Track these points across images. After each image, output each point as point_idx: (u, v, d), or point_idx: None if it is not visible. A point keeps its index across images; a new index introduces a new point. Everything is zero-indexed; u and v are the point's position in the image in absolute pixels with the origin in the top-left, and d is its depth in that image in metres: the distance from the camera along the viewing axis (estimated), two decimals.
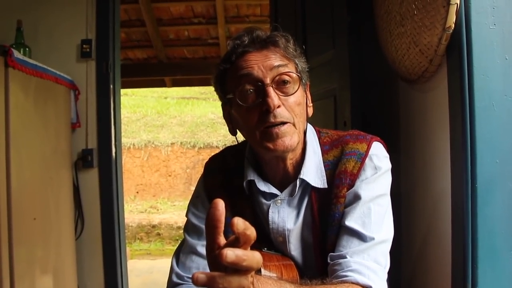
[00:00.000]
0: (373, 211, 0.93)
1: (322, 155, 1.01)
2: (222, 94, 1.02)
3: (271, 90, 0.92)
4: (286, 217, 1.00)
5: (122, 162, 2.45)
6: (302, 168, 0.98)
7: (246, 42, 0.96)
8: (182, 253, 1.05)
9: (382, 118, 1.65)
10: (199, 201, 1.08)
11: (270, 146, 0.93)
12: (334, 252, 0.93)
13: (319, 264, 0.99)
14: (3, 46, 1.52)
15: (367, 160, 0.97)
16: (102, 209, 2.20)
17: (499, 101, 1.02)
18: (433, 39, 1.09)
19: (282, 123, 0.92)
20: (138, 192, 7.94)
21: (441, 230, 1.18)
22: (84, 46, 2.19)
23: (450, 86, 1.10)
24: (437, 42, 1.08)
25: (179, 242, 1.10)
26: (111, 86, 2.23)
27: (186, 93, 10.79)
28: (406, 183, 1.43)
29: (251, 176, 1.02)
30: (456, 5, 1.01)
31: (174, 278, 1.02)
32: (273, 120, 0.91)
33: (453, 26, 1.03)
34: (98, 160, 2.21)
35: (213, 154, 1.17)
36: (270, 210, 1.01)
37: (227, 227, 0.59)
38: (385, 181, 0.99)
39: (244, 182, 1.03)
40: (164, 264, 4.44)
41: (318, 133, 1.06)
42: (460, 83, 1.03)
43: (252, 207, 1.03)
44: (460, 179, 1.04)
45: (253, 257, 0.57)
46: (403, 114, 1.49)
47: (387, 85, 1.58)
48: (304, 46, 1.07)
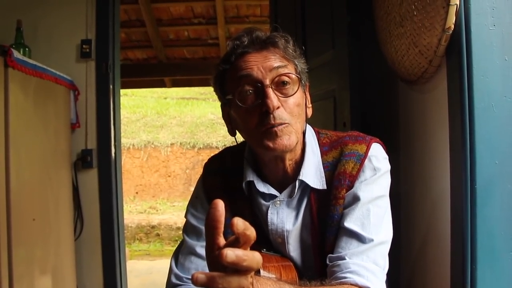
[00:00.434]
0: (372, 213, 0.93)
1: (322, 156, 1.01)
2: (221, 94, 1.02)
3: (271, 91, 0.91)
4: (285, 218, 1.00)
5: (122, 163, 2.45)
6: (302, 169, 0.98)
7: (246, 42, 0.96)
8: (181, 254, 1.05)
9: (381, 119, 1.65)
10: (198, 201, 1.08)
11: (270, 145, 0.92)
12: (333, 253, 0.93)
13: (318, 265, 0.99)
14: (3, 46, 1.52)
15: (366, 161, 0.97)
16: (101, 209, 2.20)
17: (499, 102, 1.02)
18: (432, 40, 1.09)
19: (280, 124, 0.92)
20: (137, 192, 7.93)
21: (440, 231, 1.18)
22: (84, 46, 2.19)
23: (450, 87, 1.10)
24: (436, 43, 1.08)
25: (179, 243, 1.10)
26: (111, 87, 2.23)
27: (186, 93, 10.79)
28: (406, 184, 1.43)
29: (250, 177, 1.02)
30: (455, 6, 1.01)
31: (173, 279, 1.02)
32: (272, 121, 0.91)
33: (452, 27, 1.03)
34: (98, 160, 2.21)
35: (212, 154, 1.17)
36: (269, 211, 1.01)
37: (227, 228, 0.59)
38: (384, 182, 0.99)
39: (243, 183, 1.02)
40: (163, 264, 4.42)
41: (318, 134, 1.05)
42: (459, 84, 1.03)
43: (251, 208, 1.03)
44: (459, 180, 1.04)
45: (253, 257, 0.57)
46: (403, 115, 1.49)
47: (387, 86, 1.58)
48: (303, 47, 1.06)
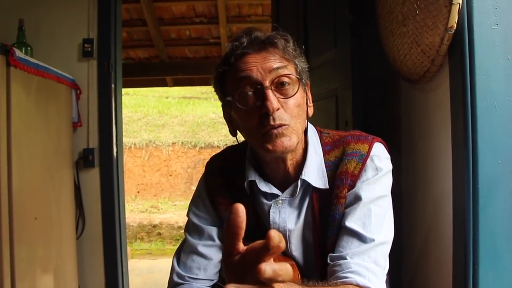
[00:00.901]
0: (373, 213, 0.93)
1: (324, 156, 1.01)
2: (221, 95, 1.01)
3: (270, 93, 0.91)
4: (287, 217, 1.00)
5: (123, 162, 2.45)
6: (304, 168, 0.98)
7: (245, 43, 0.95)
8: (183, 252, 1.05)
9: (383, 118, 1.64)
10: (200, 200, 1.08)
11: (269, 147, 0.92)
12: (334, 252, 0.93)
13: (319, 264, 0.99)
14: (5, 45, 1.52)
15: (368, 161, 0.97)
16: (103, 208, 2.20)
17: (501, 101, 1.01)
18: (435, 39, 1.09)
19: (281, 125, 0.91)
20: (139, 191, 7.94)
21: (442, 230, 1.18)
22: (85, 45, 2.19)
23: (452, 86, 1.10)
24: (439, 42, 1.07)
25: (180, 242, 1.10)
26: (113, 86, 2.23)
27: (187, 92, 10.79)
28: (408, 184, 1.43)
29: (252, 176, 1.02)
30: (458, 5, 1.00)
31: (175, 278, 1.03)
32: (272, 123, 0.91)
33: (455, 26, 1.03)
34: (99, 159, 2.21)
35: (214, 154, 1.17)
36: (271, 210, 1.01)
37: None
38: (386, 182, 0.99)
39: (245, 182, 1.02)
40: (164, 264, 4.44)
41: (320, 133, 1.05)
42: (462, 83, 1.03)
43: (253, 207, 1.03)
44: (461, 180, 1.04)
45: (286, 270, 0.56)
46: (405, 114, 1.48)
47: (389, 85, 1.58)
48: (303, 46, 1.06)
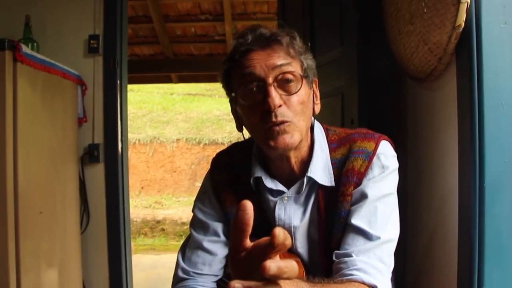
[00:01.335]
0: (379, 210, 0.93)
1: (330, 153, 1.01)
2: (228, 91, 1.02)
3: (273, 90, 0.91)
4: (293, 214, 1.00)
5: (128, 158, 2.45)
6: (310, 165, 0.98)
7: (250, 40, 0.95)
8: (188, 248, 1.05)
9: (389, 117, 1.64)
10: (206, 197, 1.08)
11: (272, 143, 0.92)
12: (339, 249, 0.93)
13: (324, 261, 0.99)
14: (12, 41, 1.52)
15: (375, 159, 0.97)
16: (107, 203, 2.21)
17: (509, 100, 1.01)
18: (442, 38, 1.08)
19: (283, 122, 0.91)
20: (143, 187, 7.96)
21: (447, 229, 1.18)
22: (91, 41, 2.19)
23: (459, 84, 1.10)
24: (446, 41, 1.07)
25: (183, 237, 1.11)
26: (118, 82, 2.23)
27: (192, 89, 10.79)
28: (413, 182, 1.43)
29: (258, 173, 1.02)
30: (466, 3, 1.00)
31: (180, 273, 1.03)
32: (274, 119, 0.91)
33: (463, 24, 1.02)
34: (104, 155, 2.22)
35: (218, 150, 1.17)
36: (276, 207, 1.01)
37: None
38: (392, 180, 0.99)
39: (251, 179, 1.03)
40: (168, 259, 4.46)
41: (326, 130, 1.05)
42: (469, 82, 1.03)
43: (259, 204, 1.03)
44: (468, 178, 1.03)
45: (292, 267, 0.55)
46: (411, 112, 1.48)
47: (395, 83, 1.57)
48: (309, 43, 1.06)
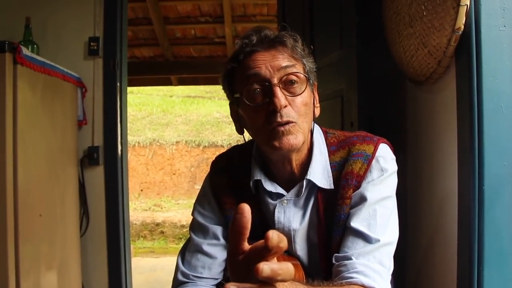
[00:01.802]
0: (378, 213, 0.93)
1: (329, 156, 1.01)
2: (229, 93, 1.02)
3: (278, 90, 0.91)
4: (292, 217, 1.00)
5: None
6: (309, 168, 0.98)
7: (254, 41, 0.96)
8: (187, 251, 1.05)
9: (389, 119, 1.64)
10: (205, 200, 1.08)
11: (276, 144, 0.92)
12: (339, 252, 0.93)
13: (324, 264, 0.99)
14: (12, 43, 1.53)
15: (374, 162, 0.97)
16: (107, 206, 2.21)
17: (508, 103, 1.01)
18: (442, 41, 1.08)
19: (287, 123, 0.92)
20: (142, 190, 7.96)
21: (447, 232, 1.18)
22: (91, 43, 2.20)
23: (459, 87, 1.10)
24: (446, 44, 1.07)
25: (183, 240, 1.11)
26: (118, 84, 2.24)
27: (192, 91, 10.81)
28: (413, 184, 1.43)
29: (258, 175, 1.02)
30: (466, 6, 1.00)
31: (180, 277, 1.03)
32: (279, 119, 0.91)
33: (462, 27, 1.03)
34: (104, 157, 2.22)
35: (218, 153, 1.17)
36: (276, 210, 1.01)
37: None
38: (391, 183, 0.99)
39: (250, 182, 1.03)
40: (167, 262, 4.45)
41: (325, 133, 1.05)
42: (468, 85, 1.03)
43: (258, 207, 1.03)
44: (467, 181, 1.03)
45: (287, 269, 0.55)
46: (411, 115, 1.48)
47: (395, 86, 1.58)
48: (312, 46, 1.06)
